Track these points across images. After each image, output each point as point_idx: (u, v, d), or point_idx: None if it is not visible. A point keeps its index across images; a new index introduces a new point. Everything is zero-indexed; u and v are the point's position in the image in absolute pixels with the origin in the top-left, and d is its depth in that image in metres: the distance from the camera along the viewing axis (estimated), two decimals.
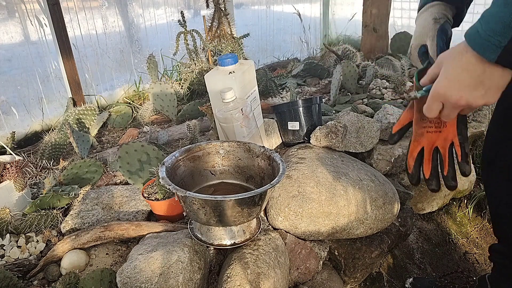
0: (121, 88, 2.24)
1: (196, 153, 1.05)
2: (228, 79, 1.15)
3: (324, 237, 1.09)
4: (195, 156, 1.04)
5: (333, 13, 3.35)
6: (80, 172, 1.31)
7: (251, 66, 1.29)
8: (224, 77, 1.16)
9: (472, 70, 0.56)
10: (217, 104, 1.20)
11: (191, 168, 1.04)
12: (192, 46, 2.10)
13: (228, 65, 1.19)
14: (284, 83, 2.34)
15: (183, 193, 0.82)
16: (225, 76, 1.17)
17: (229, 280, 0.87)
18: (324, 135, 1.30)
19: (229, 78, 1.15)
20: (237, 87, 1.16)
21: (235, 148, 1.06)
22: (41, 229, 1.10)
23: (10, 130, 1.76)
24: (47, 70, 1.92)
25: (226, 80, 1.16)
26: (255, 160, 1.04)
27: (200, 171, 1.06)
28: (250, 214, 0.88)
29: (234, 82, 1.15)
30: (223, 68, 1.19)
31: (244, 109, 1.11)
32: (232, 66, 1.20)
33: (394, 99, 2.11)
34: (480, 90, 0.57)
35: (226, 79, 1.16)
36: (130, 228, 1.03)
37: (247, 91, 1.25)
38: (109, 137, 1.83)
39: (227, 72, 1.18)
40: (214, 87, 1.20)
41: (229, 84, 1.14)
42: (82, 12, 2.02)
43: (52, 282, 0.95)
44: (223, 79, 1.16)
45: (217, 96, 1.17)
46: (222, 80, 1.16)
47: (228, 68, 1.19)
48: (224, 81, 1.16)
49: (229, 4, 2.32)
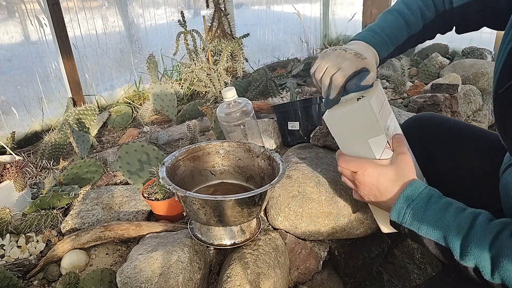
0: (121, 88, 2.24)
1: (196, 153, 1.05)
2: (361, 110, 0.73)
3: (324, 237, 1.09)
4: (195, 156, 1.04)
5: (333, 13, 3.36)
6: (80, 172, 1.31)
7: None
8: (354, 108, 0.74)
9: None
10: (354, 149, 0.78)
11: (191, 168, 1.04)
12: (192, 46, 2.10)
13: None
14: (284, 83, 2.34)
15: (183, 193, 0.82)
16: (353, 105, 0.74)
17: (229, 280, 0.87)
18: (324, 135, 1.30)
19: (363, 108, 0.73)
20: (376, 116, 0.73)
21: (235, 148, 1.06)
22: (41, 229, 1.10)
23: (10, 130, 1.76)
24: (47, 70, 1.92)
25: (358, 111, 0.73)
26: (255, 160, 1.04)
27: (200, 171, 1.06)
28: (250, 214, 0.88)
29: (371, 110, 0.72)
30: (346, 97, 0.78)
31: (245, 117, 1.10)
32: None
33: (394, 99, 2.11)
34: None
35: (359, 110, 0.73)
36: (130, 228, 1.03)
37: (386, 118, 0.79)
38: (109, 137, 1.83)
39: (354, 99, 0.76)
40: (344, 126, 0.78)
41: (368, 117, 0.73)
42: (82, 12, 2.02)
43: (52, 282, 0.95)
44: (353, 112, 0.74)
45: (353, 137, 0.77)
46: (351, 113, 0.74)
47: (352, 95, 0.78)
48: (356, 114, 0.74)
49: (229, 4, 2.33)
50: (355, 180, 0.76)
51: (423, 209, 0.64)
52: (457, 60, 2.48)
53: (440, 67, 2.42)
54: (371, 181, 0.72)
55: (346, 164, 0.76)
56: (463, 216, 0.60)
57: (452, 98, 1.91)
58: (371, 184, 0.72)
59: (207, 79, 2.09)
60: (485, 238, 0.56)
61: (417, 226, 0.64)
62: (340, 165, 0.78)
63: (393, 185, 0.70)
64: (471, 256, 0.57)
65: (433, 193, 0.66)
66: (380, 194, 0.72)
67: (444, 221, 0.61)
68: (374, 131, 0.73)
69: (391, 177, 0.71)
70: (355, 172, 0.75)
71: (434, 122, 0.95)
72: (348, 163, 0.76)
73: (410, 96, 2.07)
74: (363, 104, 0.72)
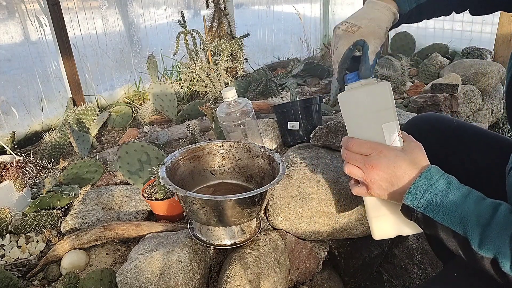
0: (121, 88, 2.24)
1: (196, 153, 1.05)
2: (380, 92, 0.73)
3: (324, 237, 1.09)
4: (195, 156, 1.04)
5: (333, 13, 3.35)
6: (80, 172, 1.31)
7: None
8: (372, 89, 0.73)
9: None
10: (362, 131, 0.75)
11: (191, 168, 1.04)
12: (192, 46, 2.10)
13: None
14: (284, 83, 2.34)
15: (183, 193, 0.82)
16: (371, 86, 0.74)
17: (229, 280, 0.87)
18: (324, 135, 1.30)
19: (381, 90, 0.73)
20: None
21: (235, 148, 1.06)
22: (41, 229, 1.10)
23: (10, 130, 1.76)
24: (47, 70, 1.92)
25: (376, 93, 0.73)
26: (255, 160, 1.04)
27: (200, 171, 1.06)
28: (250, 214, 0.88)
29: (389, 94, 0.72)
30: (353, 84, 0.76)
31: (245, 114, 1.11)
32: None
33: (394, 99, 2.11)
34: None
35: (377, 92, 0.73)
36: (130, 228, 1.03)
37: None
38: (109, 137, 1.83)
39: (371, 81, 0.75)
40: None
41: (385, 100, 0.73)
42: (82, 12, 2.02)
43: (52, 282, 0.95)
44: (370, 93, 0.73)
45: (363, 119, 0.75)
46: (369, 95, 0.73)
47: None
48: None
49: (229, 4, 2.33)
50: (366, 164, 0.69)
51: (442, 194, 0.61)
52: (457, 60, 2.48)
53: (440, 67, 2.42)
54: (387, 163, 0.67)
55: (358, 147, 0.70)
56: (484, 205, 0.58)
57: (452, 98, 1.91)
58: (387, 166, 0.67)
59: (207, 79, 2.09)
60: (507, 229, 0.54)
61: (434, 212, 0.61)
62: (350, 149, 0.71)
63: (411, 169, 0.66)
64: (491, 246, 0.55)
65: (452, 179, 0.64)
66: (397, 178, 0.66)
67: (464, 209, 0.59)
68: (389, 115, 0.72)
69: (408, 160, 0.67)
70: (367, 155, 0.69)
71: (438, 123, 0.95)
72: (361, 145, 0.70)
73: (410, 96, 2.07)
74: (382, 86, 0.72)
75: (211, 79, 2.10)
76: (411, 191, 0.64)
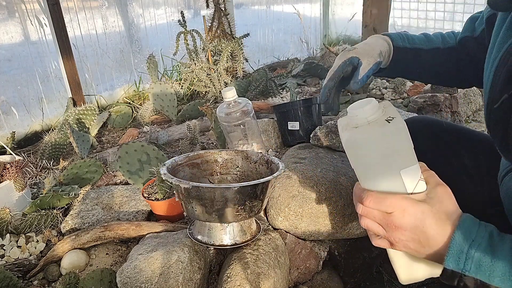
0: (121, 88, 2.24)
1: (194, 160, 1.05)
2: (395, 134, 0.58)
3: (324, 237, 1.09)
4: (194, 163, 1.04)
5: (333, 13, 3.36)
6: (80, 172, 1.31)
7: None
8: (385, 131, 0.57)
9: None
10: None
11: (190, 175, 1.04)
12: (192, 46, 2.11)
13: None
14: (284, 83, 2.34)
15: (187, 184, 0.82)
16: (383, 128, 0.58)
17: (229, 280, 0.87)
18: (324, 135, 1.30)
19: (396, 131, 0.58)
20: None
21: (233, 156, 1.06)
22: (41, 229, 1.10)
23: (10, 130, 1.76)
24: (47, 70, 1.92)
25: (390, 135, 0.57)
26: (254, 166, 1.05)
27: (198, 179, 1.06)
28: (252, 209, 0.88)
29: (406, 134, 0.58)
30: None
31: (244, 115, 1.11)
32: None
33: (394, 99, 2.11)
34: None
35: (392, 134, 0.57)
36: (130, 228, 1.03)
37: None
38: (109, 137, 1.83)
39: (382, 120, 0.59)
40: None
41: (402, 143, 0.59)
42: (82, 12, 2.03)
43: (52, 282, 0.95)
44: (384, 136, 0.58)
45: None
46: (382, 138, 0.58)
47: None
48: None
49: (229, 4, 2.33)
50: (389, 223, 0.58)
51: (490, 251, 0.51)
52: None
53: None
54: (414, 223, 0.56)
55: (376, 204, 0.58)
56: None
57: (452, 98, 1.91)
58: (414, 227, 0.56)
59: (207, 79, 2.09)
60: None
61: (487, 274, 0.51)
62: (366, 205, 0.59)
63: (443, 226, 0.55)
64: None
65: (491, 228, 0.55)
66: (427, 239, 0.56)
67: None
68: (408, 159, 0.59)
69: (438, 215, 0.56)
70: (389, 214, 0.57)
71: (428, 124, 0.96)
72: (380, 202, 0.58)
73: (410, 96, 2.07)
74: (397, 126, 0.57)
75: (211, 79, 2.10)
76: (452, 252, 0.53)
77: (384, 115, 0.59)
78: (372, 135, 0.58)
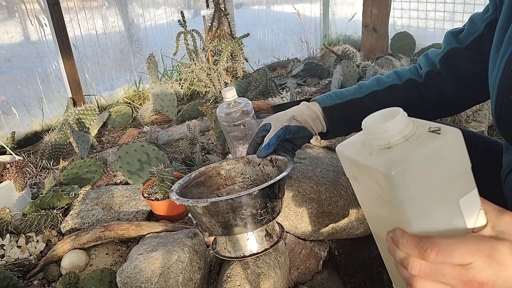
0: (121, 88, 2.24)
1: (198, 180, 1.02)
2: (447, 150, 0.41)
3: (324, 237, 1.09)
4: (198, 182, 1.01)
5: (333, 13, 3.35)
6: (80, 172, 1.31)
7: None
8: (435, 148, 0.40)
9: None
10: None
11: (198, 195, 1.00)
12: (192, 46, 2.11)
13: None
14: (284, 83, 2.34)
15: (205, 203, 0.77)
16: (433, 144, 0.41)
17: (229, 280, 0.87)
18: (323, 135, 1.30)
19: (450, 145, 0.41)
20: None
21: (234, 165, 1.05)
22: (41, 229, 1.10)
23: (10, 130, 1.76)
24: (47, 70, 1.92)
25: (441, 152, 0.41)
26: (258, 169, 1.03)
27: (207, 196, 1.01)
28: (274, 209, 0.85)
29: (463, 148, 0.42)
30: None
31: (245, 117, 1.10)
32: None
33: None
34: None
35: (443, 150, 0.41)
36: (130, 228, 1.03)
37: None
38: (109, 137, 1.83)
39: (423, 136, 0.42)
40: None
41: (459, 161, 0.42)
42: (82, 12, 2.03)
43: (52, 282, 0.95)
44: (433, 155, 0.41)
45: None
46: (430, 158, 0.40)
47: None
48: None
49: (229, 4, 2.33)
50: (467, 281, 0.39)
51: None
52: None
53: None
54: (506, 272, 0.39)
55: (447, 254, 0.39)
56: None
57: None
58: (505, 279, 0.39)
59: (207, 79, 2.09)
60: None
61: None
62: (432, 259, 0.40)
63: None
64: None
65: None
66: None
67: None
68: (468, 182, 0.42)
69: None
70: (465, 265, 0.39)
71: None
72: (452, 251, 0.39)
73: None
74: (453, 137, 0.41)
75: (211, 79, 2.10)
76: None
77: (422, 125, 0.43)
78: (425, 155, 0.40)
